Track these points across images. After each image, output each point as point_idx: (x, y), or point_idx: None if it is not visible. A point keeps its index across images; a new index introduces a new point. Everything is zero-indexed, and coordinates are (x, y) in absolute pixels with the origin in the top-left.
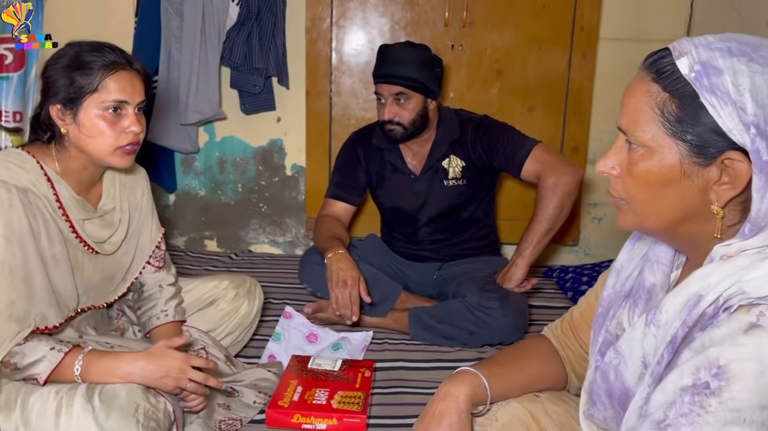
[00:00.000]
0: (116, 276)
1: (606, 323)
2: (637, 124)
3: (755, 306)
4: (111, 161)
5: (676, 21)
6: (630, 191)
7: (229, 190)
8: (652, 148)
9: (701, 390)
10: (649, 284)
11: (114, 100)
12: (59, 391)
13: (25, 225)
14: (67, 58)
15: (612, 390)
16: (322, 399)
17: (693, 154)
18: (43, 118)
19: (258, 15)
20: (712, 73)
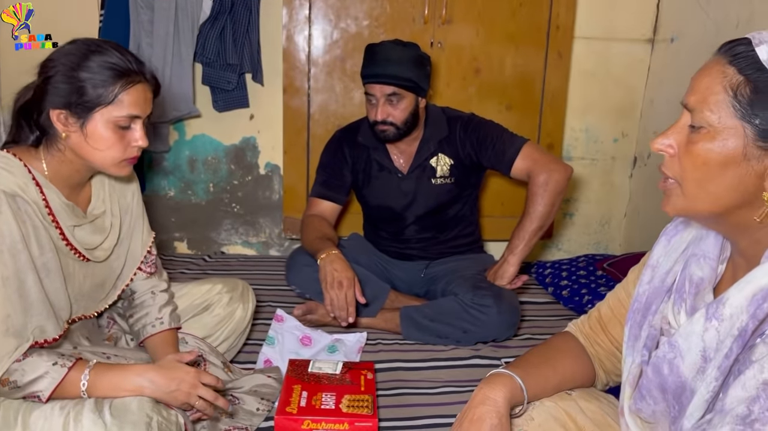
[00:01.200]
0: (106, 284)
1: (648, 317)
2: (706, 103)
3: None
4: (112, 171)
5: (643, 21)
6: (687, 170)
7: (200, 190)
8: (716, 128)
9: None
10: (697, 279)
11: (127, 115)
12: (64, 407)
13: (15, 233)
14: (78, 58)
15: (665, 384)
16: (330, 404)
17: (759, 138)
18: (43, 120)
19: (232, 9)
20: None
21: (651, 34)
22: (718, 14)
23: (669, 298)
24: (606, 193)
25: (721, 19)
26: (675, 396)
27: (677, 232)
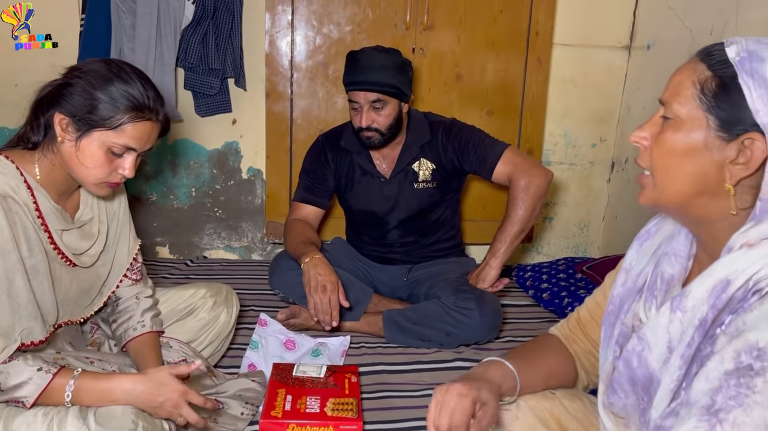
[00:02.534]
0: (92, 290)
1: (621, 317)
2: (676, 96)
3: None
4: (91, 188)
5: (620, 29)
6: (654, 159)
7: (182, 194)
8: (683, 119)
9: (745, 372)
10: (668, 276)
11: (123, 145)
12: (47, 413)
13: (6, 233)
14: (102, 80)
15: (635, 377)
16: (315, 407)
17: (720, 129)
18: (44, 120)
19: (214, 14)
20: (755, 60)
21: (628, 41)
22: (693, 22)
23: (641, 297)
24: (584, 197)
25: (696, 26)
26: (644, 388)
27: (649, 236)
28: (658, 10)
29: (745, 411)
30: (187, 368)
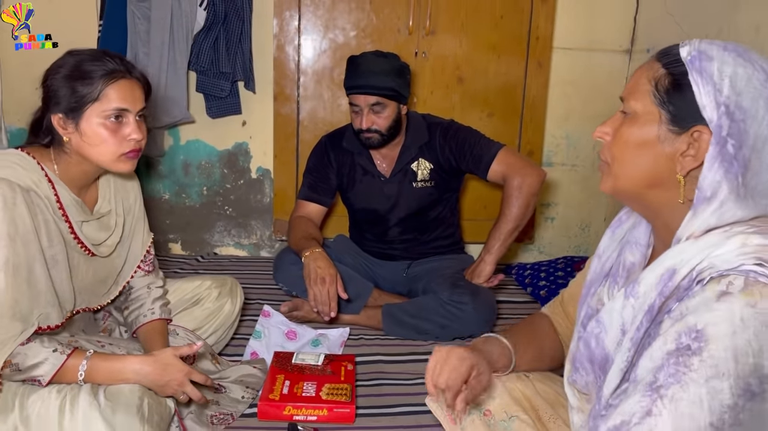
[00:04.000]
0: (108, 279)
1: (588, 299)
2: (633, 93)
3: (724, 277)
4: (114, 167)
5: (621, 33)
6: (613, 151)
7: (193, 193)
8: (638, 113)
9: (684, 352)
10: (629, 263)
11: (115, 108)
12: (61, 390)
13: (28, 224)
14: (68, 67)
15: (593, 357)
16: (311, 392)
17: (671, 122)
18: (45, 125)
19: (225, 20)
20: (704, 58)
21: (629, 45)
22: (690, 27)
23: (606, 282)
24: (586, 198)
25: (692, 32)
26: (600, 367)
27: (620, 223)
28: (658, 15)
29: (682, 388)
30: (189, 349)
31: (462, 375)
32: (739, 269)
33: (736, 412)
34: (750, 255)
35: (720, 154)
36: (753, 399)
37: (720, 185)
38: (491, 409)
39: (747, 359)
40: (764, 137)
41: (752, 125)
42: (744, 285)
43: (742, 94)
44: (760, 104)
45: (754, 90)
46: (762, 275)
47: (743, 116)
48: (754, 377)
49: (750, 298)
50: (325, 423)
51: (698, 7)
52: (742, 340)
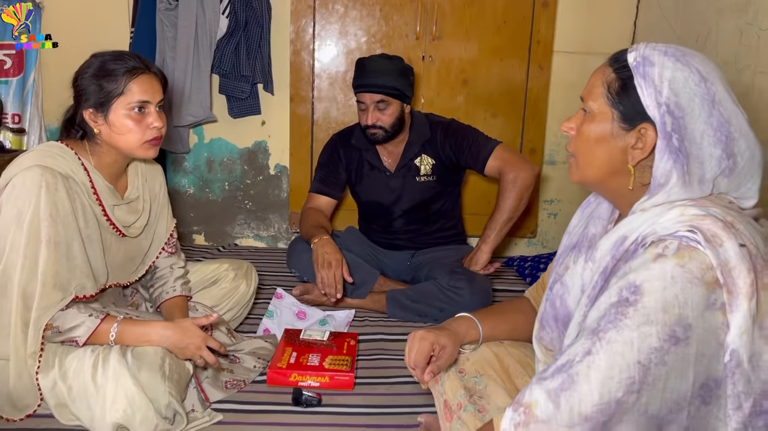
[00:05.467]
0: (136, 258)
1: (556, 268)
2: (590, 94)
3: (662, 241)
4: (139, 154)
5: (621, 37)
6: (576, 146)
7: (216, 188)
8: (595, 113)
9: (623, 303)
10: (591, 235)
11: (138, 101)
12: (94, 350)
13: (67, 207)
14: (94, 67)
15: (558, 315)
16: (315, 362)
17: (621, 120)
18: (78, 121)
19: (246, 27)
20: (647, 64)
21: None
22: (682, 31)
23: (573, 252)
24: (586, 195)
25: (684, 35)
26: (564, 324)
27: (588, 204)
28: (655, 19)
29: (618, 332)
30: (206, 319)
31: (424, 353)
32: (675, 234)
33: (662, 354)
34: (685, 223)
35: (667, 147)
36: (677, 344)
37: (671, 173)
38: (465, 368)
39: (674, 310)
40: (701, 131)
41: (690, 120)
42: (677, 248)
43: (679, 94)
44: (696, 102)
45: (689, 90)
46: (693, 240)
47: (682, 114)
48: (679, 325)
49: (680, 259)
50: (327, 389)
51: (689, 12)
52: (670, 294)
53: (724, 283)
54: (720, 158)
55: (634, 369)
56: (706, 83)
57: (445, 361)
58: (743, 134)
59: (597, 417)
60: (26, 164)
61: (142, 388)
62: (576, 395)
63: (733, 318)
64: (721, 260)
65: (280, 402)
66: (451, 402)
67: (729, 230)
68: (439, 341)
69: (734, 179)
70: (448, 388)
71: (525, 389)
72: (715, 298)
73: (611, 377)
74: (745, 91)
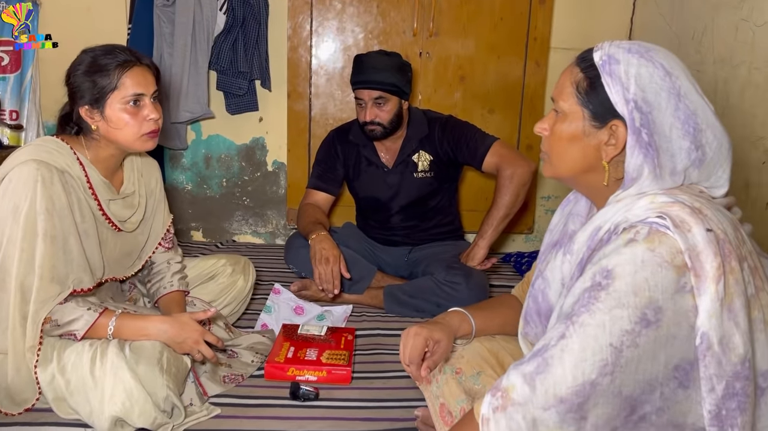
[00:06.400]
0: (133, 253)
1: (539, 266)
2: (560, 94)
3: (633, 227)
4: (138, 147)
5: (618, 33)
6: (550, 145)
7: (214, 184)
8: (566, 113)
9: (596, 287)
10: (571, 231)
11: (132, 94)
12: (92, 344)
13: (63, 201)
14: (85, 64)
15: (540, 309)
16: (312, 356)
17: (592, 119)
18: (75, 118)
19: (243, 23)
20: (613, 62)
21: None
22: (679, 28)
23: (554, 249)
24: None
25: (680, 31)
26: (546, 318)
27: (568, 202)
28: (651, 16)
29: (590, 315)
30: (204, 314)
31: (418, 349)
32: (645, 221)
33: (633, 336)
34: (655, 210)
35: (637, 142)
36: (648, 326)
37: (642, 167)
38: (461, 367)
39: (644, 293)
40: (669, 124)
41: (658, 115)
42: (647, 233)
43: (645, 90)
44: (662, 96)
45: (655, 85)
46: (662, 226)
47: (649, 109)
48: (650, 308)
49: (650, 244)
50: (324, 383)
51: (685, 8)
52: (641, 278)
53: (691, 267)
54: (689, 149)
55: (606, 352)
56: (671, 77)
57: (440, 356)
58: (710, 125)
59: (572, 399)
60: (22, 158)
61: (140, 381)
62: (551, 377)
63: (701, 302)
64: (690, 245)
65: (277, 396)
66: (452, 408)
67: (696, 215)
68: (434, 336)
69: (704, 169)
70: (447, 392)
71: (503, 375)
72: (684, 281)
73: (584, 359)
74: (741, 87)
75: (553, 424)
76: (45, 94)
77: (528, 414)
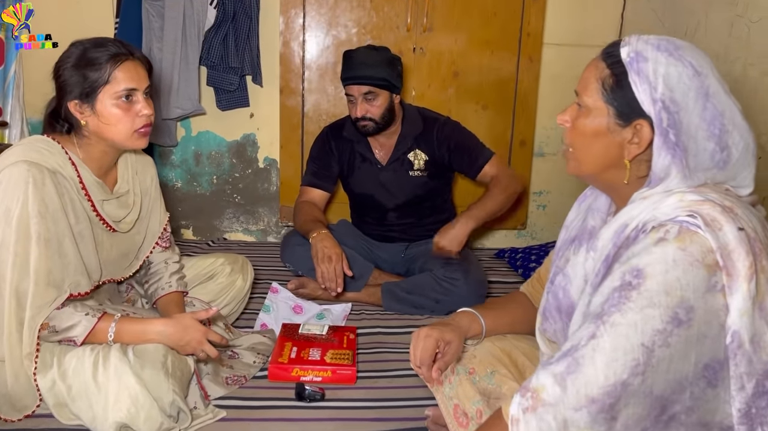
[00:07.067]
0: (130, 254)
1: (556, 261)
2: (584, 89)
3: (663, 226)
4: (129, 144)
5: (609, 29)
6: (573, 139)
7: (204, 182)
8: (590, 108)
9: (626, 287)
10: (591, 227)
11: (124, 89)
12: (94, 349)
13: (56, 203)
14: (75, 57)
15: (561, 306)
16: (316, 356)
17: (617, 116)
18: (64, 114)
19: (234, 18)
20: (641, 60)
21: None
22: (671, 24)
23: (572, 245)
24: (576, 186)
25: (673, 27)
26: (567, 315)
27: (585, 198)
28: (643, 12)
29: (622, 315)
30: (206, 313)
31: (429, 350)
32: (675, 219)
33: (665, 336)
34: (685, 209)
35: (664, 143)
36: (680, 326)
37: (670, 168)
38: (474, 367)
39: (676, 292)
40: (696, 125)
41: (685, 115)
42: (678, 232)
43: (674, 90)
44: (690, 96)
45: (683, 85)
46: (693, 225)
47: (677, 109)
48: (681, 307)
49: (681, 243)
50: (329, 384)
51: (677, 4)
52: (672, 277)
53: (723, 266)
54: (713, 151)
55: (638, 351)
56: (700, 77)
57: (451, 357)
58: (737, 126)
59: (603, 400)
60: (11, 159)
61: (145, 386)
62: (582, 377)
63: (732, 300)
64: (721, 244)
65: (282, 397)
66: (467, 409)
67: (727, 214)
68: (444, 337)
69: (730, 170)
70: (461, 393)
71: (532, 375)
72: (715, 280)
73: (616, 359)
74: (736, 83)
75: (585, 425)
76: (29, 90)
77: (559, 414)
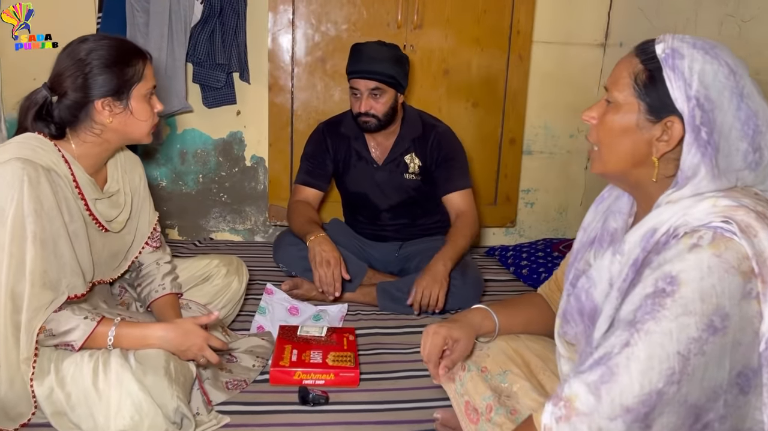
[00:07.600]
0: (119, 254)
1: (575, 264)
2: (616, 85)
3: (696, 232)
4: (146, 139)
5: (596, 28)
6: (599, 135)
7: (190, 180)
8: (621, 104)
9: (659, 294)
10: (612, 229)
11: (152, 86)
12: (93, 354)
13: (52, 201)
14: (102, 55)
15: (583, 309)
16: (317, 359)
17: (648, 112)
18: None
19: (221, 13)
20: (676, 56)
21: (603, 39)
22: (659, 22)
23: (592, 247)
24: (563, 184)
25: (661, 26)
26: (590, 317)
27: (602, 200)
28: (630, 11)
29: (656, 323)
30: (207, 318)
31: (437, 347)
32: (709, 225)
33: (701, 344)
34: (718, 214)
35: (695, 140)
36: (715, 334)
37: (699, 167)
38: (487, 366)
39: (711, 299)
40: (729, 124)
41: (719, 114)
42: (712, 239)
43: (709, 88)
44: (725, 95)
45: (719, 84)
46: (727, 231)
47: (711, 107)
48: (717, 315)
49: (716, 250)
50: (332, 386)
51: (665, 2)
52: (707, 284)
53: (759, 273)
54: (746, 151)
55: (673, 360)
56: (735, 76)
57: (458, 355)
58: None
59: (639, 409)
60: (5, 157)
61: (149, 393)
62: (617, 387)
63: (767, 308)
64: (757, 251)
65: (285, 401)
66: (477, 405)
67: (762, 220)
68: (452, 334)
69: (761, 172)
70: (472, 389)
71: (563, 384)
72: (750, 287)
73: (651, 367)
74: None
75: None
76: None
77: (594, 424)
